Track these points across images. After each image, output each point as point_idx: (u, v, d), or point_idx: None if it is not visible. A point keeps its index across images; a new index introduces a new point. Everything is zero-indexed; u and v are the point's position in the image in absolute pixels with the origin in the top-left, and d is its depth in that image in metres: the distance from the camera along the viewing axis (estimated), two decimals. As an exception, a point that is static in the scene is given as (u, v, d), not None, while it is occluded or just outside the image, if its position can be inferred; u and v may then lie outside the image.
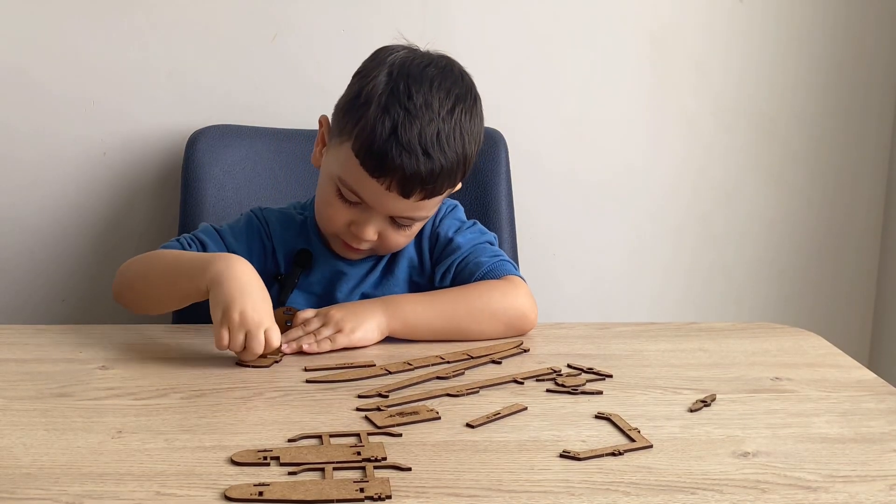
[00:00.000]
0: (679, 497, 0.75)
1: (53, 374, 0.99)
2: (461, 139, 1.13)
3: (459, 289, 1.18)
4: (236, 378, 1.00)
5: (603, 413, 0.92)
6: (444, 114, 1.12)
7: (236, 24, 1.61)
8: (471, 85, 1.19)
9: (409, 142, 1.10)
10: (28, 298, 1.67)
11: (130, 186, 1.65)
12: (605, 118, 1.71)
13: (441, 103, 1.12)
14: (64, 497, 0.73)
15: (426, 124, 1.11)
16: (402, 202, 1.13)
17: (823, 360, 1.10)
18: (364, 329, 1.10)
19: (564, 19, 1.67)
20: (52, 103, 1.60)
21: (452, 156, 1.12)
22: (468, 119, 1.15)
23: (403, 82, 1.12)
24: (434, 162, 1.11)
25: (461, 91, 1.16)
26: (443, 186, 1.14)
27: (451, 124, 1.13)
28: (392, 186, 1.11)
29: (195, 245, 1.22)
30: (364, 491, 0.74)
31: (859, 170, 1.77)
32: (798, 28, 1.70)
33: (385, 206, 1.14)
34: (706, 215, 1.77)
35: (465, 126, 1.14)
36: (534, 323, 1.18)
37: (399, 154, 1.09)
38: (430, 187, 1.13)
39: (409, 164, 1.10)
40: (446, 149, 1.12)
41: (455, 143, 1.13)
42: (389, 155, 1.09)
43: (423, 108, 1.11)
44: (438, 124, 1.11)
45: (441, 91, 1.13)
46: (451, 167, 1.13)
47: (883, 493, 0.76)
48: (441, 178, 1.12)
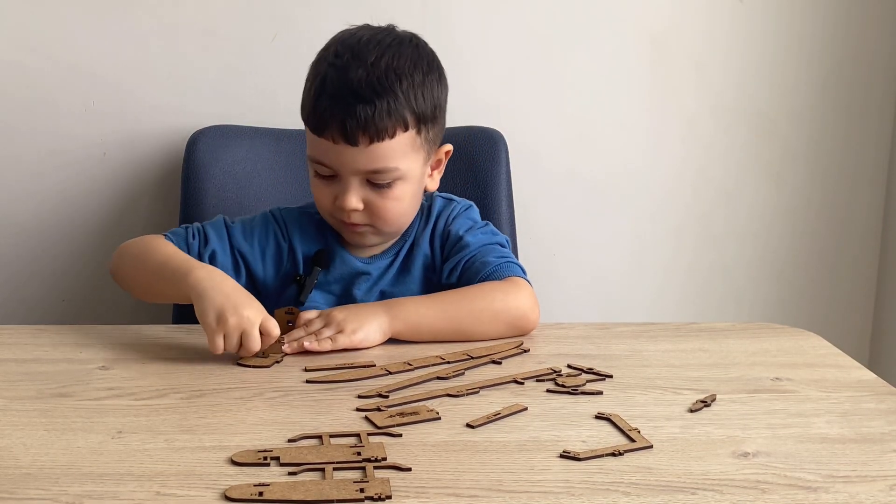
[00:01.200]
0: (679, 497, 0.75)
1: (53, 374, 0.99)
2: (396, 79, 1.14)
3: (462, 290, 1.18)
4: (236, 378, 1.00)
5: (603, 413, 0.92)
6: (372, 60, 1.14)
7: (236, 24, 1.61)
8: (413, 40, 1.20)
9: (336, 90, 1.13)
10: (28, 298, 1.67)
11: (130, 186, 1.65)
12: (606, 118, 1.71)
13: (370, 53, 1.15)
14: (64, 497, 0.73)
15: (353, 72, 1.13)
16: (356, 152, 1.13)
17: (823, 360, 1.10)
18: (366, 330, 1.10)
19: (564, 19, 1.67)
20: (52, 103, 1.60)
21: (386, 93, 1.13)
22: (403, 63, 1.15)
23: (334, 48, 1.17)
24: (367, 102, 1.12)
25: (395, 42, 1.18)
26: (387, 127, 1.13)
27: (382, 68, 1.14)
28: (337, 138, 1.13)
29: (198, 238, 1.22)
30: (364, 491, 0.74)
31: (859, 170, 1.77)
32: (798, 28, 1.70)
33: (345, 163, 1.15)
34: (706, 215, 1.77)
35: (400, 69, 1.15)
36: (535, 323, 1.18)
37: (330, 105, 1.12)
38: (374, 129, 1.13)
39: (342, 110, 1.12)
40: (376, 86, 1.12)
41: (387, 82, 1.13)
42: (321, 108, 1.13)
43: (351, 60, 1.14)
44: (367, 70, 1.13)
45: (371, 44, 1.16)
46: (387, 106, 1.13)
47: (883, 493, 0.76)
48: (380, 117, 1.12)
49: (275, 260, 1.25)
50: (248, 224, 1.26)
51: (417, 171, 1.20)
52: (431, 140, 1.21)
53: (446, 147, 1.26)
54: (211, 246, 1.22)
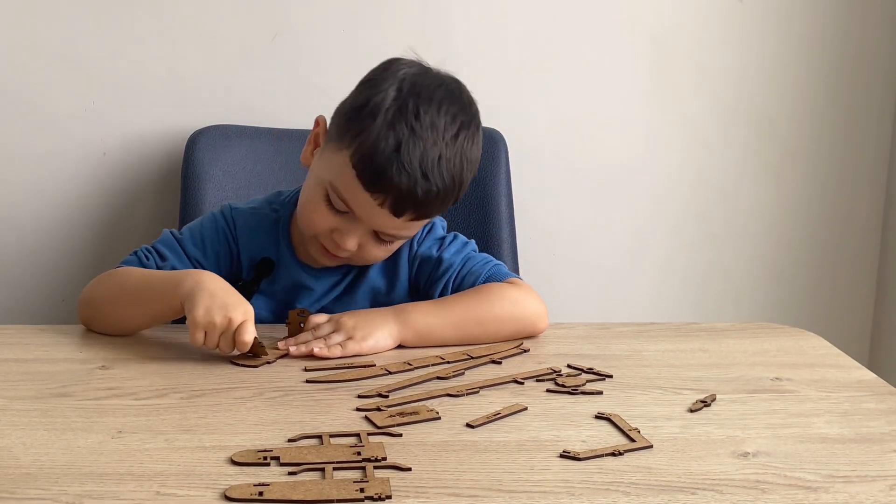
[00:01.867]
0: (679, 497, 0.75)
1: (53, 374, 0.99)
2: (460, 165, 1.12)
3: (471, 296, 1.16)
4: (236, 378, 1.00)
5: (603, 413, 0.92)
6: (448, 138, 1.10)
7: (236, 24, 1.61)
8: (476, 112, 1.17)
9: (410, 162, 1.07)
10: (28, 298, 1.67)
11: (130, 186, 1.65)
12: (605, 118, 1.71)
13: (447, 127, 1.10)
14: (64, 497, 0.73)
15: (430, 146, 1.08)
16: (391, 220, 1.11)
17: (823, 360, 1.10)
18: (375, 338, 1.09)
19: (564, 19, 1.67)
20: (52, 103, 1.60)
21: (450, 181, 1.10)
22: (470, 146, 1.13)
23: (413, 100, 1.10)
24: (431, 185, 1.09)
25: (467, 118, 1.13)
26: (434, 210, 1.13)
27: (455, 149, 1.11)
28: (385, 204, 1.09)
29: (153, 257, 1.18)
30: (364, 491, 0.74)
31: (859, 170, 1.77)
32: (797, 28, 1.70)
33: (373, 221, 1.12)
34: (706, 215, 1.77)
35: (467, 153, 1.12)
36: (544, 319, 1.17)
37: (399, 173, 1.07)
38: (423, 210, 1.11)
39: (407, 185, 1.08)
40: (444, 173, 1.09)
41: (454, 168, 1.11)
42: (389, 172, 1.07)
43: (429, 130, 1.09)
44: (441, 148, 1.09)
45: (448, 115, 1.11)
46: (446, 192, 1.11)
47: (883, 493, 0.76)
48: (434, 202, 1.11)
49: (226, 262, 1.22)
50: (196, 231, 1.22)
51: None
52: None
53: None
54: (169, 262, 1.19)
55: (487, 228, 1.51)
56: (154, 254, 1.19)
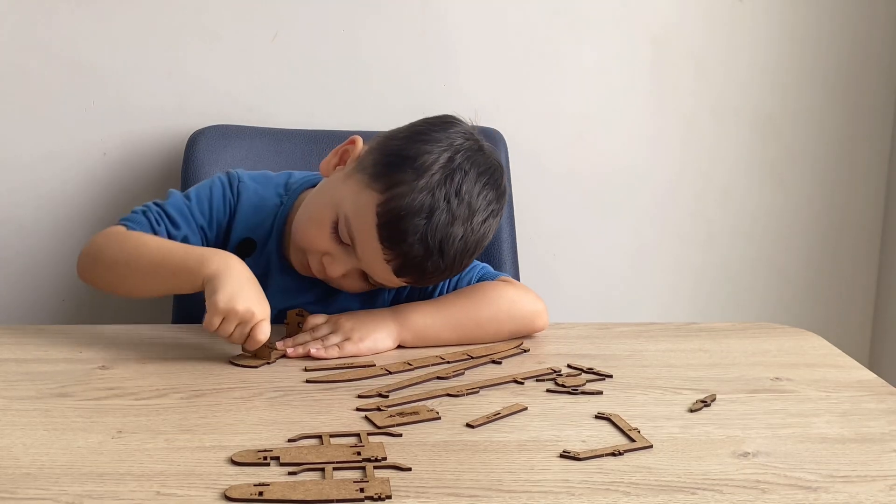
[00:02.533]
0: (679, 497, 0.75)
1: (53, 373, 0.99)
2: (474, 249, 1.10)
3: (468, 295, 1.16)
4: (236, 378, 1.00)
5: (603, 413, 0.92)
6: (476, 222, 1.08)
7: (236, 23, 1.61)
8: (505, 190, 1.15)
9: (434, 234, 1.05)
10: (28, 298, 1.67)
11: (130, 186, 1.65)
12: (605, 118, 1.71)
13: (479, 211, 1.09)
14: (64, 497, 0.73)
15: (458, 226, 1.07)
16: (389, 276, 1.09)
17: (823, 360, 1.10)
18: (373, 339, 1.09)
19: (564, 19, 1.67)
20: (53, 103, 1.60)
21: (458, 262, 1.09)
22: (490, 232, 1.12)
23: (460, 175, 1.07)
24: (442, 263, 1.07)
25: (498, 206, 1.12)
26: (430, 281, 1.12)
27: (476, 235, 1.09)
28: (392, 262, 1.07)
29: (164, 223, 1.16)
30: (364, 491, 0.74)
31: (859, 170, 1.77)
32: (798, 28, 1.70)
33: (371, 268, 1.10)
34: (706, 215, 1.77)
35: (486, 236, 1.11)
36: (544, 317, 1.17)
37: (419, 241, 1.05)
38: (422, 279, 1.10)
39: (420, 255, 1.06)
40: (458, 254, 1.08)
41: (467, 251, 1.09)
42: (407, 236, 1.05)
43: (466, 209, 1.07)
44: (467, 230, 1.08)
45: (485, 200, 1.09)
46: (451, 269, 1.10)
47: (883, 493, 0.76)
48: (435, 275, 1.10)
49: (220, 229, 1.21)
50: (204, 197, 1.20)
51: None
52: None
53: None
54: (182, 232, 1.17)
55: (487, 228, 1.50)
56: (165, 219, 1.17)
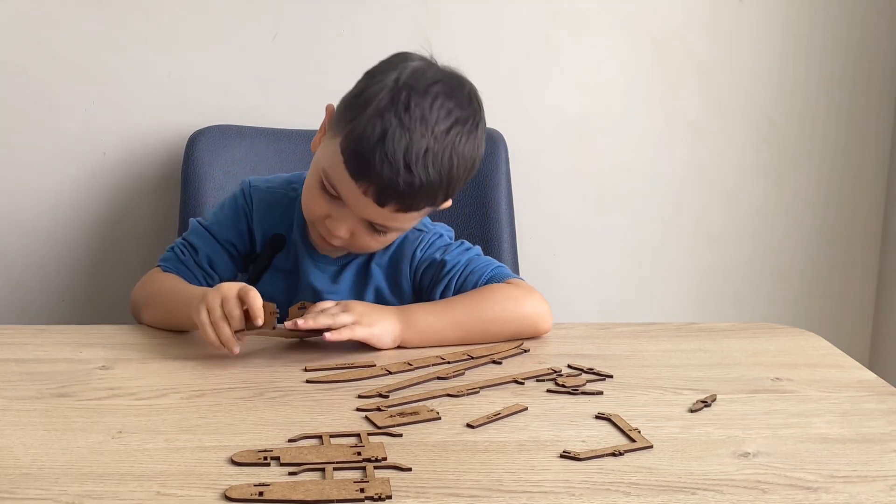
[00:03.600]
0: (679, 497, 0.75)
1: (53, 374, 0.99)
2: (449, 161, 1.09)
3: (472, 296, 1.16)
4: (236, 378, 1.00)
5: (603, 413, 0.92)
6: (438, 132, 1.08)
7: (236, 24, 1.61)
8: (477, 110, 1.15)
9: (393, 152, 1.06)
10: (28, 298, 1.67)
11: (130, 186, 1.65)
12: (606, 118, 1.71)
13: (438, 121, 1.09)
14: (64, 497, 0.73)
15: (417, 139, 1.07)
16: (377, 210, 1.10)
17: (824, 360, 1.10)
18: (381, 327, 1.09)
19: (565, 20, 1.67)
20: (52, 103, 1.60)
21: (435, 176, 1.09)
22: (463, 142, 1.11)
23: (406, 92, 1.09)
24: (414, 178, 1.07)
25: (464, 114, 1.12)
26: (420, 203, 1.11)
27: (443, 144, 1.09)
28: (369, 192, 1.09)
29: (189, 252, 1.22)
30: (364, 491, 0.74)
31: (860, 170, 1.77)
32: (799, 29, 1.70)
33: (361, 210, 1.11)
34: (707, 215, 1.77)
35: (458, 149, 1.10)
36: (548, 320, 1.17)
37: (381, 162, 1.06)
38: (407, 202, 1.10)
39: (389, 175, 1.07)
40: (430, 167, 1.08)
41: (441, 163, 1.09)
42: (371, 161, 1.07)
43: (419, 122, 1.08)
44: (429, 141, 1.08)
45: (442, 109, 1.09)
46: (431, 186, 1.09)
47: (883, 493, 0.76)
48: (419, 196, 1.09)
49: (245, 238, 1.25)
50: (220, 216, 1.25)
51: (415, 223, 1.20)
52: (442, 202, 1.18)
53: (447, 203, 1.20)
54: (203, 252, 1.22)
55: (487, 228, 1.51)
56: (188, 248, 1.22)
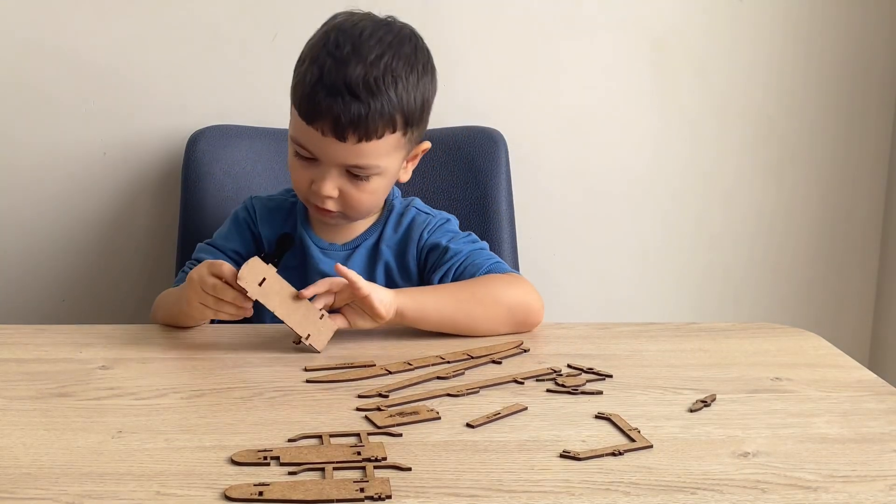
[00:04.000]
0: (679, 497, 0.75)
1: (53, 373, 0.99)
2: (393, 82, 1.14)
3: (466, 281, 1.20)
4: (236, 378, 1.00)
5: (603, 413, 0.92)
6: (372, 58, 1.14)
7: (236, 24, 1.61)
8: (412, 39, 1.20)
9: (333, 84, 1.12)
10: (28, 298, 1.67)
11: (130, 186, 1.65)
12: (606, 118, 1.71)
13: (370, 50, 1.14)
14: (64, 497, 0.73)
15: (352, 68, 1.13)
16: (342, 147, 1.15)
17: (823, 360, 1.10)
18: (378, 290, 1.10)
19: (565, 20, 1.67)
20: (52, 103, 1.60)
21: (381, 96, 1.13)
22: (401, 65, 1.16)
23: (335, 34, 1.16)
24: (361, 102, 1.12)
25: (396, 41, 1.17)
26: (377, 128, 1.14)
27: (380, 67, 1.14)
28: (326, 131, 1.14)
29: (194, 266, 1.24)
30: (364, 491, 0.74)
31: (860, 170, 1.77)
32: (798, 29, 1.70)
33: (329, 154, 1.16)
34: (707, 215, 1.77)
35: (398, 71, 1.15)
36: (540, 316, 1.18)
37: (325, 97, 1.12)
38: (364, 129, 1.14)
39: (336, 106, 1.12)
40: (372, 87, 1.13)
41: (383, 82, 1.13)
42: (316, 99, 1.13)
43: (351, 55, 1.14)
44: (366, 68, 1.13)
45: (372, 40, 1.15)
46: (379, 106, 1.13)
47: (883, 493, 0.76)
48: (372, 119, 1.13)
49: (251, 248, 1.29)
50: (222, 231, 1.31)
51: (395, 167, 1.22)
52: (415, 139, 1.23)
53: (424, 144, 1.27)
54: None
55: (487, 228, 1.51)
56: (195, 263, 1.25)
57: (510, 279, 1.20)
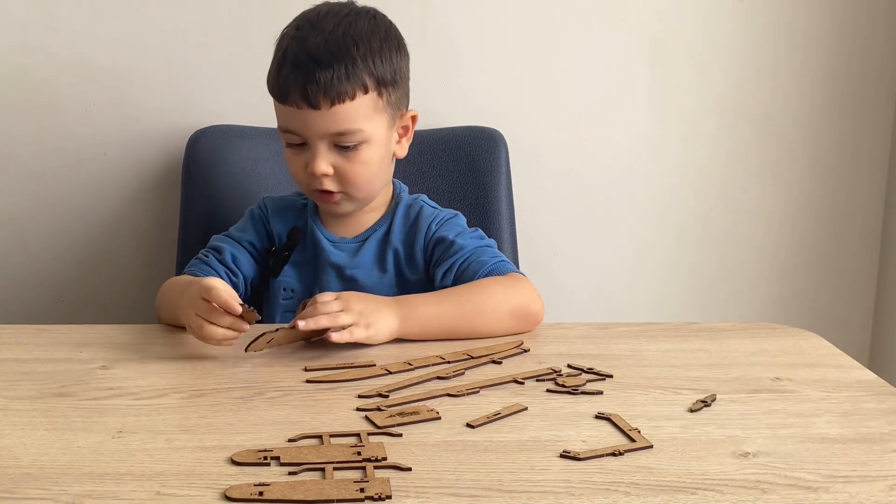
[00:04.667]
0: (679, 497, 0.75)
1: (54, 373, 0.99)
2: (353, 44, 1.18)
3: (467, 286, 1.20)
4: (236, 378, 1.00)
5: (603, 413, 0.92)
6: (329, 28, 1.19)
7: (236, 24, 1.61)
8: (369, 13, 1.24)
9: (296, 59, 1.17)
10: (28, 298, 1.67)
11: (131, 186, 1.65)
12: (606, 118, 1.71)
13: (328, 23, 1.20)
14: (64, 497, 0.73)
15: (312, 41, 1.18)
16: (319, 116, 1.17)
17: (824, 360, 1.10)
18: (378, 329, 1.09)
19: (565, 19, 1.67)
20: (53, 103, 1.60)
21: (343, 57, 1.17)
22: (360, 31, 1.20)
23: (295, 22, 1.23)
24: (324, 66, 1.16)
25: (352, 14, 1.22)
26: (346, 89, 1.17)
27: (339, 34, 1.19)
28: (300, 103, 1.17)
29: (211, 254, 1.28)
30: (364, 491, 0.74)
31: (859, 170, 1.77)
32: (798, 28, 1.70)
33: (310, 127, 1.19)
34: (706, 215, 1.77)
35: (357, 36, 1.19)
36: (540, 316, 1.18)
37: (291, 72, 1.17)
38: (333, 91, 1.16)
39: (302, 76, 1.17)
40: (334, 51, 1.17)
41: (343, 47, 1.18)
42: (284, 76, 1.18)
43: (310, 31, 1.19)
44: (325, 37, 1.18)
45: (329, 16, 1.21)
46: (345, 70, 1.17)
47: (883, 493, 0.76)
48: (338, 80, 1.16)
49: (264, 244, 1.32)
50: (237, 226, 1.33)
51: (382, 134, 1.23)
52: (394, 104, 1.24)
53: (412, 112, 1.28)
54: (228, 251, 1.28)
55: (487, 228, 1.51)
56: (211, 251, 1.30)
57: (510, 281, 1.20)
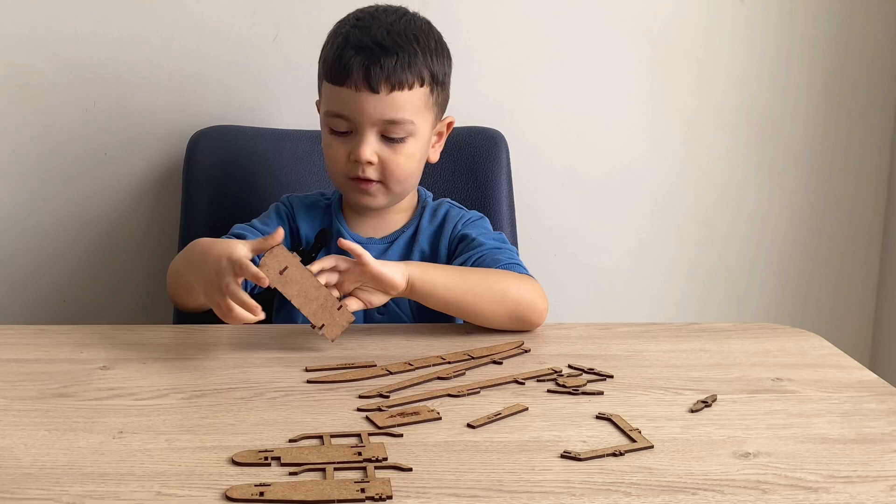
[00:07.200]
0: (680, 497, 0.75)
1: (54, 374, 0.99)
2: (415, 38, 1.22)
3: (480, 269, 1.22)
4: (237, 378, 1.00)
5: (604, 413, 0.92)
6: (391, 20, 1.23)
7: (236, 24, 1.61)
8: (428, 21, 1.28)
9: (360, 42, 1.20)
10: (28, 298, 1.67)
11: (131, 186, 1.65)
12: (606, 118, 1.71)
13: (388, 17, 1.24)
14: (65, 497, 0.73)
15: (376, 29, 1.21)
16: (376, 100, 1.19)
17: (824, 360, 1.10)
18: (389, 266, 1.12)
19: (565, 19, 1.67)
20: (53, 103, 1.60)
21: (407, 47, 1.20)
22: (419, 28, 1.24)
23: (354, 14, 1.26)
24: (389, 52, 1.19)
25: (410, 14, 1.26)
26: (407, 77, 1.20)
27: (402, 27, 1.22)
28: (359, 84, 1.19)
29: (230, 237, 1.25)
30: (365, 491, 0.74)
31: (860, 170, 1.77)
32: (799, 28, 1.70)
33: (364, 112, 1.19)
34: (707, 215, 1.77)
35: (417, 31, 1.23)
36: (543, 317, 1.18)
37: (355, 54, 1.19)
38: (396, 77, 1.19)
39: (366, 59, 1.19)
40: (399, 41, 1.20)
41: (406, 39, 1.21)
42: (346, 57, 1.19)
43: (371, 21, 1.23)
44: (388, 27, 1.22)
45: (389, 12, 1.25)
46: (408, 58, 1.20)
47: (884, 493, 0.76)
48: (401, 66, 1.19)
49: (288, 242, 1.30)
50: (263, 217, 1.32)
51: (427, 132, 1.26)
52: (440, 105, 1.27)
53: (449, 118, 1.32)
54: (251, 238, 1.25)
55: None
56: (233, 237, 1.26)
57: (522, 277, 1.21)
